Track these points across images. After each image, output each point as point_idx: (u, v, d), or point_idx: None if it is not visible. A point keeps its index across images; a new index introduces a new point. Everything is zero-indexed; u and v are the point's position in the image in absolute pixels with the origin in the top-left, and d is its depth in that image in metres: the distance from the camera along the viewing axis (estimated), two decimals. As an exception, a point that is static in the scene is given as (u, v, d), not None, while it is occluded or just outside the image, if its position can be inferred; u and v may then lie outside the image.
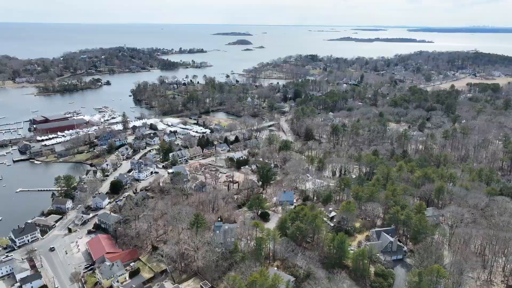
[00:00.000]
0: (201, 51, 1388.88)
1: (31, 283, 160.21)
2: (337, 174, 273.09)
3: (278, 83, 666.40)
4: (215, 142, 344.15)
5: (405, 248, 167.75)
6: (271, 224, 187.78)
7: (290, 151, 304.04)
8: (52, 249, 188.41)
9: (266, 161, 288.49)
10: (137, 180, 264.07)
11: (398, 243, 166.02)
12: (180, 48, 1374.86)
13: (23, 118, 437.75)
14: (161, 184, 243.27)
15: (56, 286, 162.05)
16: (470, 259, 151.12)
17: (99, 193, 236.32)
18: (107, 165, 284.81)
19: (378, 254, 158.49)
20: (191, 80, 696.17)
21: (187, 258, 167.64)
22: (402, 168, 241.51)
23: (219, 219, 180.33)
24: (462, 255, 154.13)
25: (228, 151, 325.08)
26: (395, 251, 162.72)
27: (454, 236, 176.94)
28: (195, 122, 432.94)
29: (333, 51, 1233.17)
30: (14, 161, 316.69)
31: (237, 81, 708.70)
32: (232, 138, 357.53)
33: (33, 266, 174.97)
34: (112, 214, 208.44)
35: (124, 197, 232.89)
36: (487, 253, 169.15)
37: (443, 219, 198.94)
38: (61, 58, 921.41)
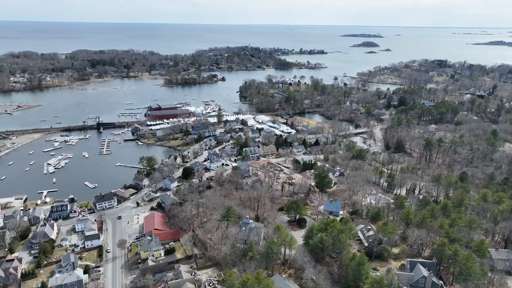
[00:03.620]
0: (321, 52, 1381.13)
1: (91, 241, 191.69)
2: (414, 193, 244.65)
3: (388, 88, 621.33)
4: (295, 143, 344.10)
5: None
6: (303, 232, 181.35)
7: (363, 160, 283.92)
8: (119, 218, 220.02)
9: (338, 168, 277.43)
10: (208, 169, 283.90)
11: (436, 280, 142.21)
12: (301, 49, 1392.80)
13: (144, 105, 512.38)
14: (223, 176, 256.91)
15: (107, 247, 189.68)
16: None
17: (170, 176, 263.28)
18: (188, 152, 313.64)
19: (404, 287, 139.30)
20: (298, 81, 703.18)
21: (215, 248, 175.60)
22: (486, 197, 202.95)
23: (247, 217, 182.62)
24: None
25: (304, 153, 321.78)
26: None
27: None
28: (285, 121, 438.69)
29: (470, 56, 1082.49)
30: (124, 140, 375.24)
31: (345, 84, 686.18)
32: (313, 140, 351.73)
33: (100, 228, 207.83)
34: (171, 196, 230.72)
35: (187, 183, 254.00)
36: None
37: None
38: (192, 55, 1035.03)
